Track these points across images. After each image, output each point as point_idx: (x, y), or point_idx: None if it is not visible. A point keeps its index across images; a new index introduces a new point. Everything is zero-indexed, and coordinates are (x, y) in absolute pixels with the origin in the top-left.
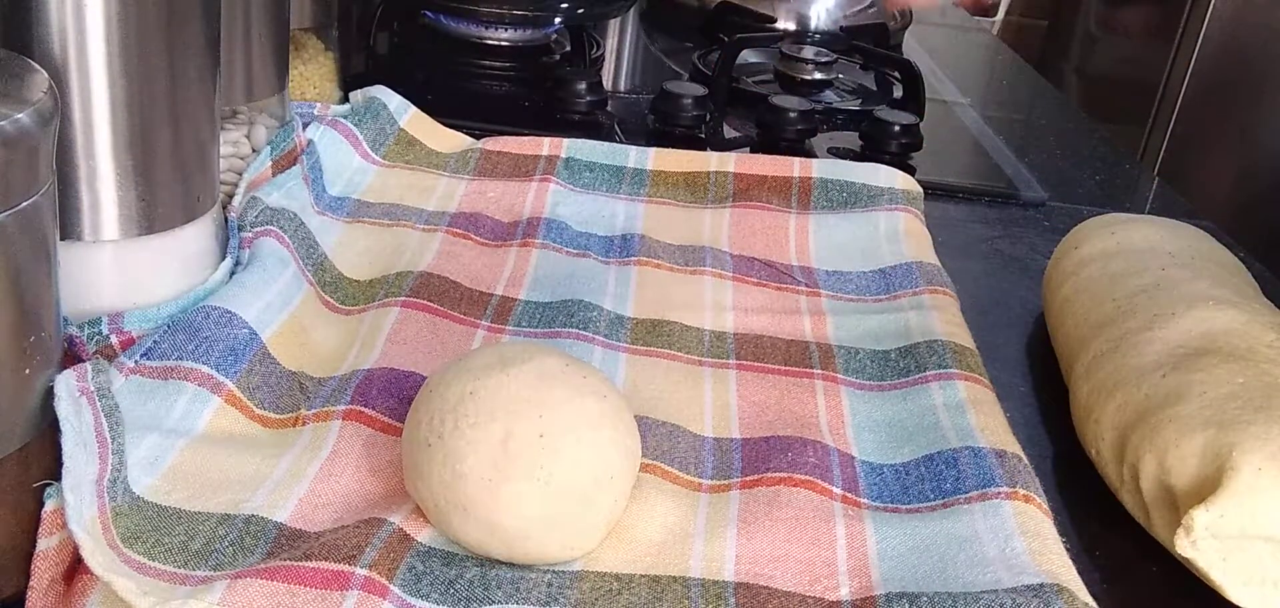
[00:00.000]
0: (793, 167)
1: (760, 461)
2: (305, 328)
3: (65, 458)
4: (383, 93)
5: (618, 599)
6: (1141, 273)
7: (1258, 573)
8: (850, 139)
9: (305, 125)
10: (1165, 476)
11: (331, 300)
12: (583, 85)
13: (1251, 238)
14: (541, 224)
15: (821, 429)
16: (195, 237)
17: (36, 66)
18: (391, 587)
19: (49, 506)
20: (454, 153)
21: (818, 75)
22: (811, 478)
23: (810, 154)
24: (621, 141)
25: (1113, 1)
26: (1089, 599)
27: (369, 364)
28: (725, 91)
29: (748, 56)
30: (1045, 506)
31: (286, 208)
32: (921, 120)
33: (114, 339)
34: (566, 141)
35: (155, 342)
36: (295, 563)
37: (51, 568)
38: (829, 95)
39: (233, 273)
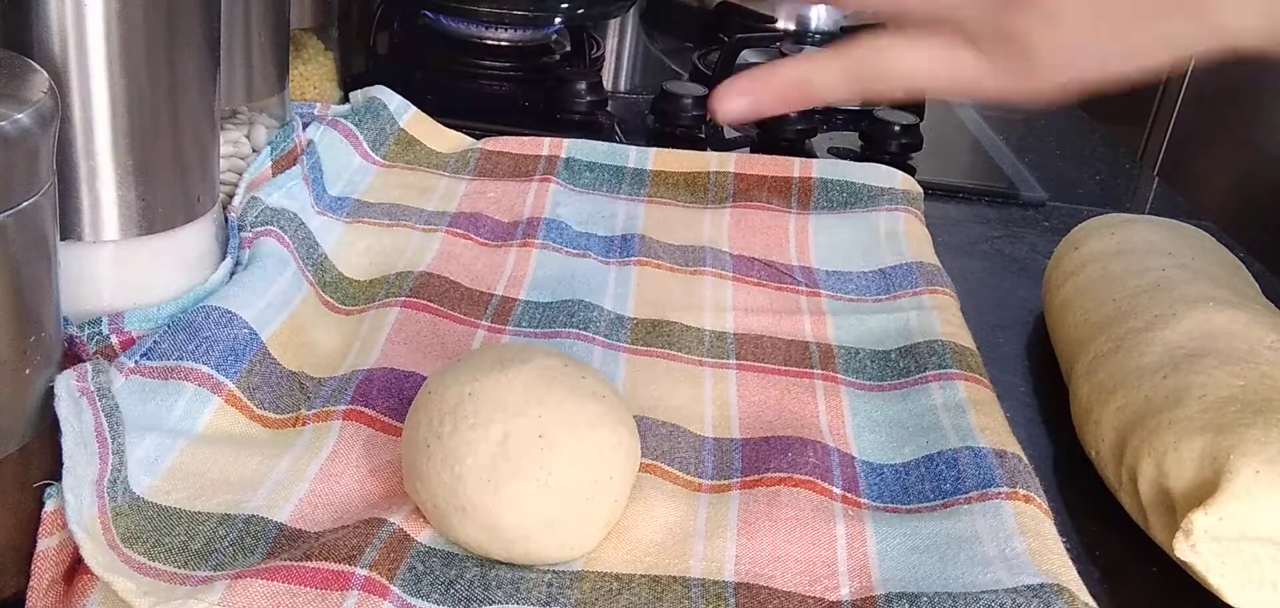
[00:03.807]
0: (793, 167)
1: (760, 461)
2: (305, 328)
3: (65, 458)
4: (383, 93)
5: (618, 599)
6: (1141, 273)
7: (1256, 575)
8: (850, 139)
9: (305, 125)
10: (1163, 479)
11: (331, 300)
12: (583, 85)
13: (1251, 238)
14: (541, 224)
15: (821, 429)
16: (195, 237)
17: (36, 66)
18: (392, 587)
19: (49, 506)
20: (454, 153)
21: None
22: (811, 478)
23: (810, 154)
24: (621, 141)
25: None
26: (1089, 599)
27: (369, 364)
28: None
29: (748, 56)
30: (1045, 506)
31: (286, 208)
32: (921, 120)
33: (114, 339)
34: (566, 142)
35: (155, 342)
36: (295, 563)
37: (51, 568)
38: None
39: (233, 273)
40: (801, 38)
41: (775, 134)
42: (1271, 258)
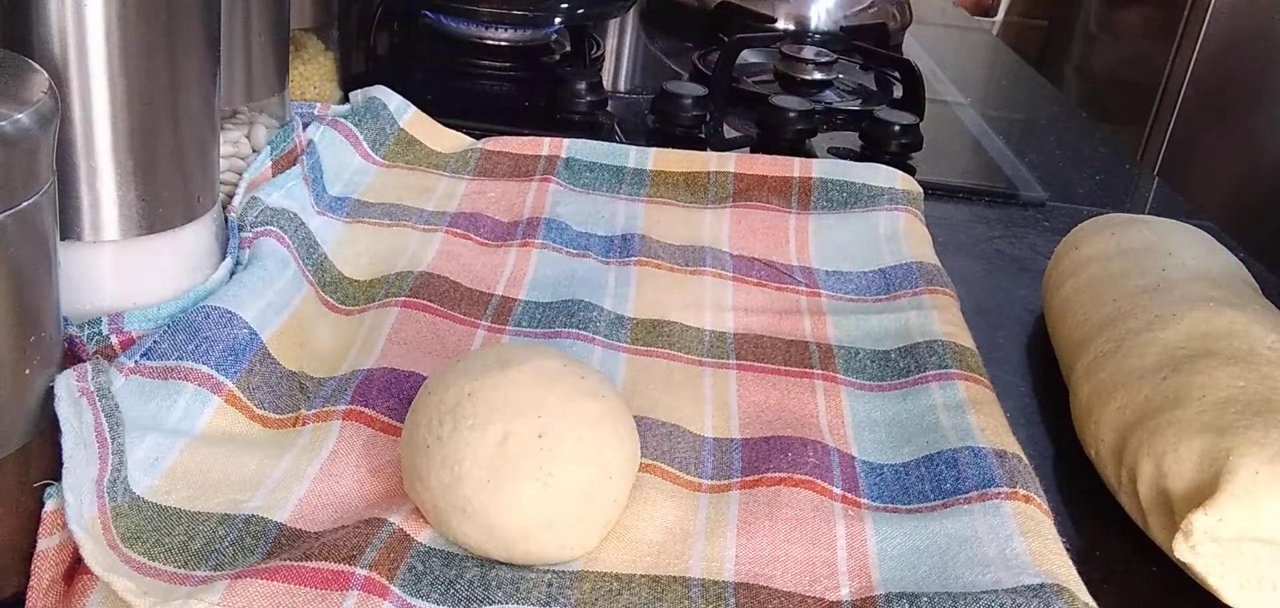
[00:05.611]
0: (793, 167)
1: (760, 461)
2: (305, 328)
3: (65, 458)
4: (383, 93)
5: (618, 599)
6: (1141, 273)
7: (1255, 576)
8: (850, 139)
9: (305, 125)
10: (1162, 480)
11: (331, 300)
12: (583, 85)
13: (1251, 238)
14: (541, 224)
15: (821, 429)
16: (195, 237)
17: (36, 66)
18: (392, 587)
19: (49, 506)
20: (454, 153)
21: (818, 75)
22: (811, 478)
23: (810, 154)
24: (621, 141)
25: (1113, 2)
26: (1089, 599)
27: (369, 364)
28: (725, 91)
29: (748, 56)
30: (1045, 506)
31: (286, 208)
32: (921, 120)
33: (114, 339)
34: (566, 142)
35: (155, 342)
36: (295, 563)
37: (51, 568)
38: (829, 95)
39: (233, 273)
40: (801, 37)
41: (775, 134)
42: (1271, 258)
